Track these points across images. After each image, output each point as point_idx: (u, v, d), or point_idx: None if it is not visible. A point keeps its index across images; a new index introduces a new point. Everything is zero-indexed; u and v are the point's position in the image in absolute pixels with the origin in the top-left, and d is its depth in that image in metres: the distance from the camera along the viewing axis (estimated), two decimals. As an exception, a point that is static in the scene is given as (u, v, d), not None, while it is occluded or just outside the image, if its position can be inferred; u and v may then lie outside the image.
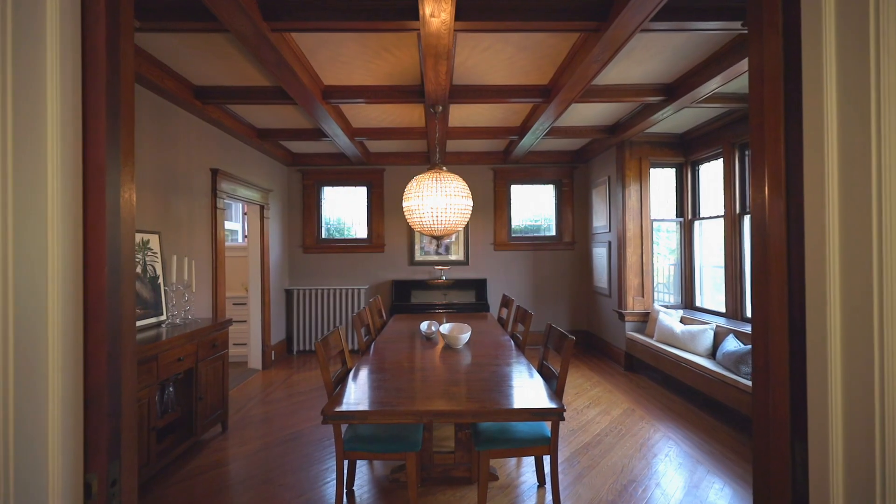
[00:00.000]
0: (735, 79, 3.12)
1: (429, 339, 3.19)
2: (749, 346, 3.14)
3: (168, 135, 3.36)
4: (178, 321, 3.10)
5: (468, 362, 2.52)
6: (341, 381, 2.25)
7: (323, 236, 6.09)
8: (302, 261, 6.00)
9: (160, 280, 3.09)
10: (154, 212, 3.19)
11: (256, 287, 5.03)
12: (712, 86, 3.21)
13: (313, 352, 5.81)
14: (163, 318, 3.07)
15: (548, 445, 2.08)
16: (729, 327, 3.66)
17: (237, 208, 8.59)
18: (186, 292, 3.24)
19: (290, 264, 5.99)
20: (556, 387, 2.12)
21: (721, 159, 4.25)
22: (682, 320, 4.33)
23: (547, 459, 2.58)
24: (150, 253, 3.03)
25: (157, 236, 3.13)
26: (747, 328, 3.55)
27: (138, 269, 2.90)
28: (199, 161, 3.81)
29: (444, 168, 3.39)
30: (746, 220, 3.94)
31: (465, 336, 2.83)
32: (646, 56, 2.99)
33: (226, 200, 4.40)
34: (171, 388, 2.77)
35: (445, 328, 3.06)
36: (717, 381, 3.27)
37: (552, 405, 1.80)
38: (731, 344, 3.41)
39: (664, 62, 3.09)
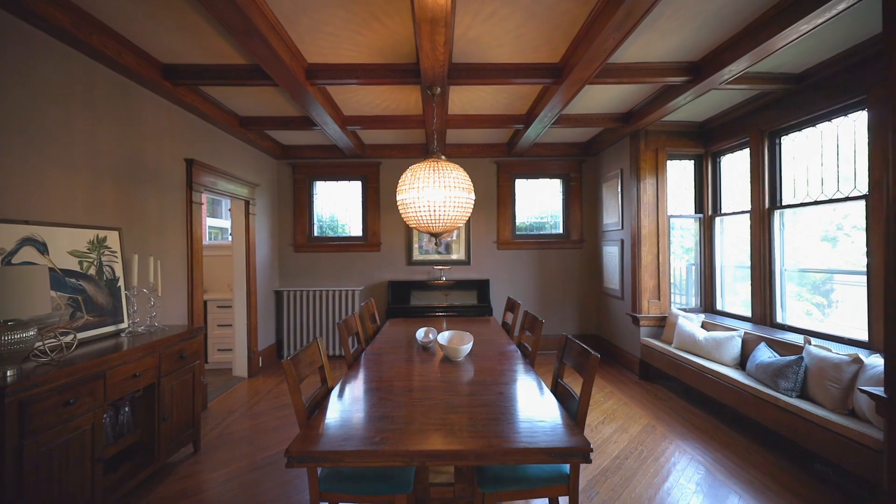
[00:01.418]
0: (770, 55, 2.74)
1: (426, 349, 2.83)
2: (789, 358, 2.77)
3: (132, 119, 3.00)
4: (141, 329, 2.74)
5: (470, 378, 2.16)
6: (319, 405, 1.89)
7: (315, 234, 5.72)
8: (293, 260, 5.63)
9: (120, 283, 2.73)
10: (114, 205, 2.82)
11: (241, 289, 4.67)
12: (743, 64, 2.84)
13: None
14: (123, 325, 2.70)
15: (566, 485, 1.71)
16: (758, 334, 3.29)
17: (228, 205, 8.20)
18: (152, 296, 2.88)
19: (281, 264, 5.63)
20: (575, 412, 1.75)
21: (747, 149, 3.87)
22: (704, 325, 3.96)
23: (564, 500, 2.21)
24: (107, 252, 2.67)
25: (116, 233, 2.76)
26: (781, 335, 3.18)
27: (92, 271, 2.54)
28: (172, 150, 3.44)
29: (444, 157, 3.03)
30: (777, 215, 3.57)
31: (467, 347, 2.47)
32: (673, 26, 2.62)
33: (204, 194, 4.04)
34: (126, 409, 2.41)
35: (444, 337, 2.70)
36: (749, 395, 2.90)
37: (575, 442, 1.44)
38: (764, 354, 3.04)
39: (693, 35, 2.71)
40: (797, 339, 3.04)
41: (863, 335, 2.81)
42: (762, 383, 2.90)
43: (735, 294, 4.29)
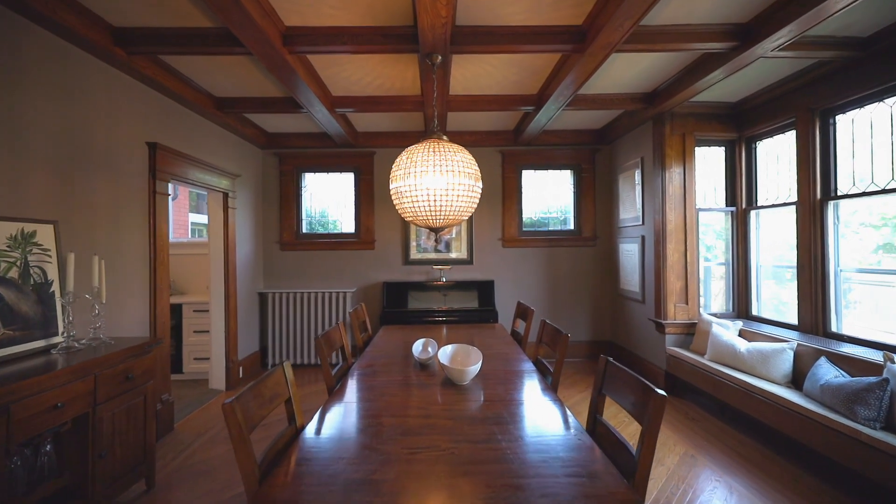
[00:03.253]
0: (837, 13, 2.25)
1: (424, 368, 2.35)
2: (868, 380, 2.27)
3: (76, 92, 2.51)
4: (80, 344, 2.25)
5: (481, 412, 1.68)
6: (282, 455, 1.41)
7: (304, 230, 5.24)
8: (279, 259, 5.15)
9: (54, 288, 2.25)
10: (48, 193, 2.33)
11: (219, 291, 4.19)
12: (803, 25, 2.36)
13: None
14: (57, 339, 2.22)
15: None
16: (815, 346, 2.81)
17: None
18: (96, 303, 2.39)
19: (265, 263, 5.14)
20: (632, 472, 1.28)
21: (792, 132, 3.39)
22: (742, 334, 3.48)
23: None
24: (37, 250, 2.18)
25: (50, 227, 2.28)
26: (845, 348, 2.70)
27: (13, 273, 2.05)
28: (130, 132, 2.95)
29: (445, 137, 2.55)
30: (831, 206, 3.09)
31: (474, 369, 1.99)
32: (727, -26, 2.14)
33: (181, 186, 3.55)
34: (49, 447, 1.93)
35: (446, 353, 2.22)
36: (814, 424, 2.41)
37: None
38: (828, 371, 2.56)
39: (749, -14, 2.24)
40: (865, 353, 2.57)
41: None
42: (831, 409, 2.41)
43: (763, 296, 3.83)
